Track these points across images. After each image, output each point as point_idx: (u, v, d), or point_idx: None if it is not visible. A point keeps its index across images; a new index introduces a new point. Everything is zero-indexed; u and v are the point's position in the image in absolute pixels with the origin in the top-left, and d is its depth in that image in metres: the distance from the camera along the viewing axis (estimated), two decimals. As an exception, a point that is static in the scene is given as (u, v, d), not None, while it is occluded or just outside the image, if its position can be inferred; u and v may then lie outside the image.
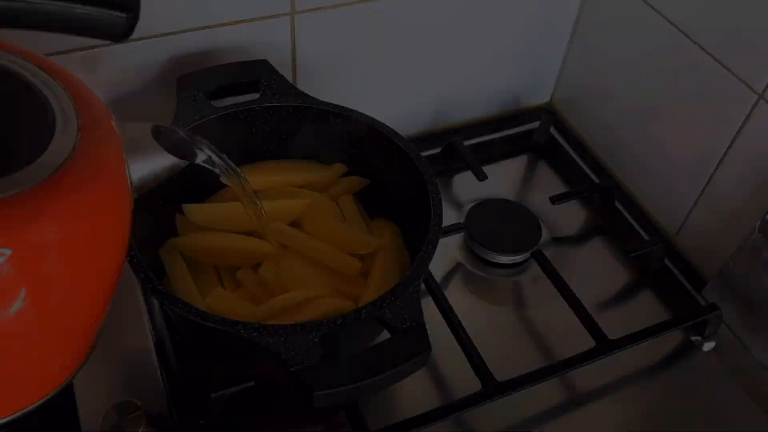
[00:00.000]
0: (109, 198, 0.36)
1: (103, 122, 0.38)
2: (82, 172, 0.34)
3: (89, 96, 0.38)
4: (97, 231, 0.34)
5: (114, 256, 0.36)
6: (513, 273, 0.70)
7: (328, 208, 0.63)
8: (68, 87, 0.37)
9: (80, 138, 0.34)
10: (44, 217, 0.31)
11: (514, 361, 0.62)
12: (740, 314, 0.65)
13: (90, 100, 0.38)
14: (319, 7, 0.65)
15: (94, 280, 0.35)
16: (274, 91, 0.61)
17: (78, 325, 0.36)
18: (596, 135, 0.84)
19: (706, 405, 0.61)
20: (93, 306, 0.36)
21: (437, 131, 0.84)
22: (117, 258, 0.37)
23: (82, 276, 0.34)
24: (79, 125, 0.35)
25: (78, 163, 0.33)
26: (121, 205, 0.37)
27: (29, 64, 0.37)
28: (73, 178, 0.33)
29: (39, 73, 0.36)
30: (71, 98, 0.36)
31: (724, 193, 0.67)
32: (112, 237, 0.36)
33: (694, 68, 0.67)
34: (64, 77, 0.37)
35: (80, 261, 0.33)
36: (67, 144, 0.34)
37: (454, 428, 0.57)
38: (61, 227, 0.32)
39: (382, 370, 0.43)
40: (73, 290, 0.34)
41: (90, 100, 0.38)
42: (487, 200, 0.73)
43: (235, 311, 0.53)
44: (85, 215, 0.33)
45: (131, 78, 0.63)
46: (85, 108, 0.36)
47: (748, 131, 0.63)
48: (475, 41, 0.77)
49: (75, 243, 0.33)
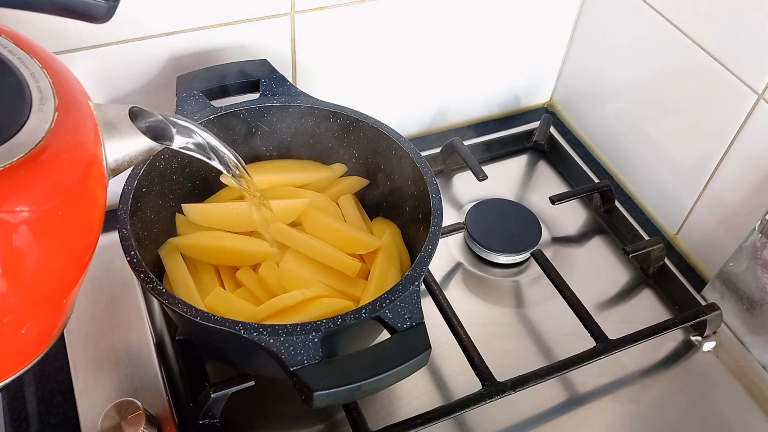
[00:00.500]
0: (83, 179, 0.35)
1: (81, 103, 0.37)
2: (57, 152, 0.33)
3: (67, 76, 0.38)
4: (70, 211, 0.34)
5: (86, 236, 0.36)
6: (513, 273, 0.70)
7: (328, 208, 0.63)
8: (46, 66, 0.36)
9: (57, 118, 0.34)
10: (16, 196, 0.31)
11: (514, 361, 0.62)
12: (740, 314, 0.65)
13: (68, 80, 0.37)
14: (319, 6, 0.65)
15: (65, 258, 0.35)
16: (274, 91, 0.61)
17: (48, 298, 0.35)
18: (596, 135, 0.84)
19: (706, 405, 0.61)
20: (64, 281, 0.36)
21: (437, 131, 0.85)
22: (89, 237, 0.36)
23: (54, 254, 0.34)
24: (56, 105, 0.35)
25: (53, 143, 0.33)
26: (96, 186, 0.37)
27: (7, 41, 0.36)
28: (48, 158, 0.32)
29: (17, 51, 0.36)
30: (49, 77, 0.36)
31: (724, 193, 0.67)
32: (84, 217, 0.36)
33: (694, 68, 0.67)
34: (42, 57, 0.37)
35: (51, 240, 0.33)
36: (42, 124, 0.33)
37: (454, 428, 0.57)
38: (34, 207, 0.31)
39: (382, 370, 0.43)
40: (44, 267, 0.33)
41: (68, 80, 0.37)
42: (487, 200, 0.73)
43: (235, 311, 0.53)
44: (58, 196, 0.33)
45: (131, 78, 0.63)
46: (63, 87, 0.36)
47: (748, 131, 0.63)
48: (475, 41, 0.77)
49: (47, 223, 0.32)
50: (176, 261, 0.57)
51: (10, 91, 0.34)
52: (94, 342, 0.59)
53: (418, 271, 0.49)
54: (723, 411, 0.61)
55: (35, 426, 0.55)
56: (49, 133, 0.33)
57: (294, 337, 0.44)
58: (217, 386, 0.51)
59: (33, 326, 0.35)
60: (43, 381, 0.57)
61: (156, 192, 0.56)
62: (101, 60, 0.60)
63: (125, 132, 0.40)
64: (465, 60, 0.78)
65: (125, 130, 0.40)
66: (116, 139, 0.39)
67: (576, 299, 0.63)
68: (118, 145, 0.39)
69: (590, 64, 0.82)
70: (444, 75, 0.79)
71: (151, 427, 0.51)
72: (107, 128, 0.39)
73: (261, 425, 0.57)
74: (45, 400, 0.56)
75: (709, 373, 0.63)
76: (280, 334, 0.44)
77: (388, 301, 0.47)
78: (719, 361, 0.64)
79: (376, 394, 0.58)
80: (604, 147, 0.83)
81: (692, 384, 0.62)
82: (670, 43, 0.68)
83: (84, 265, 0.37)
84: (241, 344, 0.46)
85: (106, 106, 0.40)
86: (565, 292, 0.64)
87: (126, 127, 0.40)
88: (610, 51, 0.78)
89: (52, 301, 0.36)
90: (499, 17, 0.76)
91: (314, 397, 0.41)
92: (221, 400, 0.52)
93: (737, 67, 0.63)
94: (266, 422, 0.57)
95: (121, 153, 0.40)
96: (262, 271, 0.57)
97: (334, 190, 0.64)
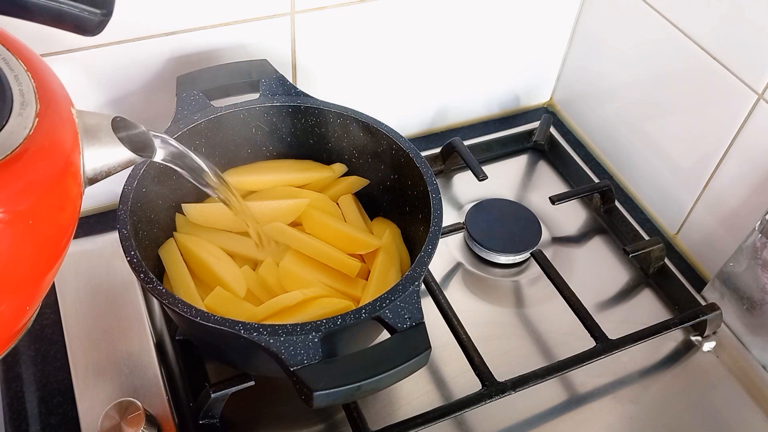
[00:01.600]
0: (57, 187, 0.35)
1: (62, 109, 0.37)
2: (34, 159, 0.33)
3: (51, 80, 0.37)
4: (42, 217, 0.34)
5: (57, 242, 0.36)
6: (513, 273, 0.70)
7: (328, 208, 0.63)
8: (31, 69, 0.36)
9: (36, 124, 0.33)
10: None
11: (514, 361, 0.62)
12: (740, 314, 0.65)
13: (51, 85, 0.37)
14: (319, 6, 0.65)
15: (32, 261, 0.34)
16: (274, 91, 0.61)
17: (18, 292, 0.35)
18: (596, 135, 0.84)
19: (706, 405, 0.61)
20: (33, 278, 0.35)
21: (437, 131, 0.85)
22: (60, 242, 0.36)
23: (22, 255, 0.33)
24: (37, 111, 0.34)
25: (30, 150, 0.32)
26: (70, 194, 0.36)
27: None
28: (23, 165, 0.32)
29: (2, 51, 0.36)
30: (32, 81, 0.35)
31: (724, 193, 0.67)
32: (57, 224, 0.35)
33: (694, 68, 0.67)
34: (28, 58, 0.37)
35: (21, 242, 0.33)
36: (21, 129, 0.33)
37: (454, 428, 0.57)
38: (5, 211, 0.31)
39: (382, 370, 0.43)
40: (12, 265, 0.33)
41: (51, 85, 0.37)
42: (487, 200, 0.73)
43: (235, 311, 0.53)
44: (31, 202, 0.33)
45: (131, 78, 0.63)
46: (45, 92, 0.36)
47: (748, 131, 0.63)
48: (475, 41, 0.77)
49: (18, 226, 0.32)
50: (176, 261, 0.57)
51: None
52: (94, 342, 0.59)
53: (418, 271, 0.49)
54: (723, 411, 0.61)
55: (35, 426, 0.55)
56: (26, 140, 0.33)
57: (294, 337, 0.44)
58: (217, 386, 0.51)
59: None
60: (43, 381, 0.57)
61: (156, 192, 0.56)
62: (101, 60, 0.60)
63: (105, 142, 0.39)
64: (465, 60, 0.78)
65: (105, 140, 0.40)
66: (96, 148, 0.39)
67: (576, 299, 0.63)
68: (97, 154, 0.39)
69: (590, 64, 0.82)
70: (444, 75, 0.79)
71: (151, 427, 0.51)
72: (88, 136, 0.38)
73: (261, 425, 0.57)
74: (45, 400, 0.56)
75: (709, 373, 0.63)
76: (280, 334, 0.44)
77: (388, 301, 0.47)
78: (719, 361, 0.64)
79: (376, 394, 0.58)
80: (604, 147, 0.83)
81: (692, 384, 0.62)
82: (670, 44, 0.68)
83: (50, 267, 0.37)
84: (241, 344, 0.46)
85: (88, 114, 0.40)
86: (565, 292, 0.64)
87: (107, 137, 0.40)
88: (610, 51, 0.78)
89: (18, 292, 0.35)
90: (499, 17, 0.76)
91: (314, 397, 0.41)
92: (221, 400, 0.52)
93: (737, 67, 0.63)
94: (266, 422, 0.57)
95: (100, 162, 0.39)
96: (262, 271, 0.57)
97: (334, 190, 0.64)
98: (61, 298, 0.62)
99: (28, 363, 0.59)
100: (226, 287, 0.55)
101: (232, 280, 0.55)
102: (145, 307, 0.62)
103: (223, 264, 0.57)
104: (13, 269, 0.33)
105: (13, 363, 0.58)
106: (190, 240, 0.58)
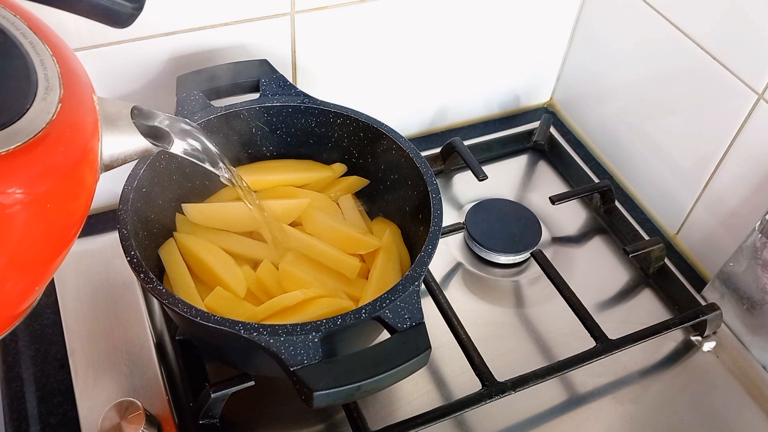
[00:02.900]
0: (77, 172, 0.35)
1: (85, 95, 0.37)
2: (55, 144, 0.33)
3: (75, 66, 0.38)
4: (59, 201, 0.34)
5: (70, 225, 0.36)
6: (513, 273, 0.70)
7: (328, 208, 0.63)
8: (56, 54, 0.36)
9: (59, 110, 0.34)
10: (5, 184, 0.31)
11: (514, 361, 0.62)
12: (740, 314, 0.65)
13: (75, 71, 0.37)
14: (319, 6, 0.65)
15: (46, 242, 0.35)
16: (274, 91, 0.61)
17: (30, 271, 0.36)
18: (596, 135, 0.84)
19: (706, 405, 0.61)
20: (45, 259, 0.36)
21: (437, 131, 0.85)
22: (74, 226, 0.37)
23: (37, 236, 0.34)
24: (60, 96, 0.34)
25: (52, 134, 0.33)
26: (87, 180, 0.37)
27: (22, 23, 0.36)
28: (45, 149, 0.33)
29: (30, 35, 0.36)
30: (57, 66, 0.36)
31: (724, 193, 0.68)
32: (72, 207, 0.36)
33: (694, 68, 0.67)
34: (54, 44, 0.37)
35: (37, 223, 0.33)
36: (44, 114, 0.33)
37: (454, 428, 0.57)
38: (23, 195, 0.32)
39: (382, 370, 0.43)
40: (27, 245, 0.34)
41: (75, 71, 0.37)
42: (487, 200, 0.73)
43: (235, 311, 0.53)
44: (50, 185, 0.33)
45: (131, 78, 0.63)
46: (69, 78, 0.36)
47: (748, 131, 0.63)
48: (475, 41, 0.77)
49: (36, 208, 0.33)
50: (176, 261, 0.57)
51: (17, 75, 0.34)
52: (94, 342, 0.59)
53: (418, 271, 0.49)
54: (723, 411, 0.61)
55: (35, 426, 0.55)
56: (49, 124, 0.33)
57: (294, 337, 0.44)
58: (217, 386, 0.51)
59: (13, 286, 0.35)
60: (43, 381, 0.57)
61: (156, 192, 0.56)
62: (101, 60, 0.60)
63: (124, 130, 0.40)
64: (465, 60, 0.78)
65: (124, 128, 0.40)
66: (114, 135, 0.39)
67: (576, 299, 0.63)
68: (115, 142, 0.39)
69: (590, 64, 0.82)
70: (444, 75, 0.79)
71: (151, 427, 0.51)
72: (107, 124, 0.39)
73: (261, 425, 0.57)
74: (45, 400, 0.56)
75: (709, 373, 0.63)
76: (280, 334, 0.44)
77: (388, 301, 0.47)
78: (719, 361, 0.64)
79: (376, 394, 0.58)
80: (604, 147, 0.83)
81: (692, 384, 0.62)
82: (670, 43, 0.68)
83: (62, 248, 0.37)
84: (241, 344, 0.46)
85: (109, 102, 0.40)
86: (565, 292, 0.64)
87: (126, 126, 0.40)
88: (610, 51, 0.78)
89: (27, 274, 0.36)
90: (500, 17, 0.76)
91: (314, 397, 0.41)
92: (221, 400, 0.52)
93: (737, 67, 0.63)
94: (266, 422, 0.57)
95: (118, 150, 0.40)
96: (261, 271, 0.57)
97: (334, 190, 0.64)
98: (61, 298, 0.62)
99: (28, 363, 0.59)
100: (226, 287, 0.55)
101: (232, 280, 0.55)
102: (145, 307, 0.62)
103: (223, 264, 0.57)
104: (28, 248, 0.34)
105: (13, 363, 0.58)
106: (190, 240, 0.58)
